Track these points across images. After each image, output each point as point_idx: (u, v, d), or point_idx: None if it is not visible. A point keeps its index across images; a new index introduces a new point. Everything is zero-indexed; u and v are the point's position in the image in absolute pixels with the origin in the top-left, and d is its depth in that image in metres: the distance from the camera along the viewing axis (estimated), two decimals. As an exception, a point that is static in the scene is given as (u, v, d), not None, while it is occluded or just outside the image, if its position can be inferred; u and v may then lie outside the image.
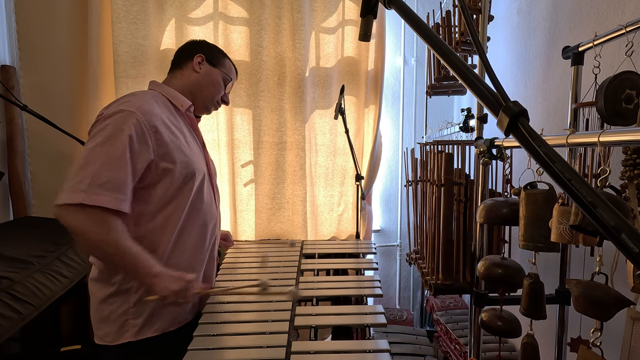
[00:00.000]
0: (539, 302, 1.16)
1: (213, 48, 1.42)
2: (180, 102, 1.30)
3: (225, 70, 1.41)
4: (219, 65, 1.39)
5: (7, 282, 1.48)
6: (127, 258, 1.07)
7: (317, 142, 2.57)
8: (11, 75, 2.17)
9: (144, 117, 1.12)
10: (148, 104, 1.17)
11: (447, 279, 1.89)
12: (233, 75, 1.45)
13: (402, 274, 3.01)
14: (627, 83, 1.06)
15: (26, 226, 2.03)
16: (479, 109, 1.63)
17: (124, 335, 1.17)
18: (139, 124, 1.11)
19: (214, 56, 1.39)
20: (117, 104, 1.14)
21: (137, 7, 2.24)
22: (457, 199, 1.90)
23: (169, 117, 1.23)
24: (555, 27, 1.77)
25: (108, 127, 1.08)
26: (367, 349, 1.05)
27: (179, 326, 1.26)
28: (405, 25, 2.83)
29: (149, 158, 1.12)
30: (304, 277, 1.54)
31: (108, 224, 1.05)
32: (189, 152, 1.24)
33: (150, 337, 1.20)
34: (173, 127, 1.22)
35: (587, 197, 0.41)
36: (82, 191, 1.02)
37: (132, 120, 1.10)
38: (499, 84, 0.50)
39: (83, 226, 1.03)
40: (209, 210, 1.31)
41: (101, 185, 1.03)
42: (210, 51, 1.39)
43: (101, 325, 1.19)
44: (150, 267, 1.09)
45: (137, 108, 1.12)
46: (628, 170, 0.92)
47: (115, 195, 1.05)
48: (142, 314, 1.18)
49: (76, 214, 1.02)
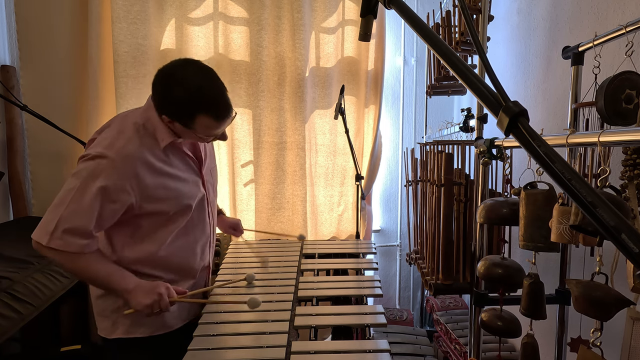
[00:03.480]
0: (539, 302, 1.16)
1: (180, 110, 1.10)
2: (162, 136, 1.16)
3: (200, 130, 1.13)
4: (190, 127, 1.12)
5: (7, 282, 1.48)
6: (100, 280, 1.16)
7: (317, 142, 2.57)
8: (11, 75, 2.17)
9: (122, 164, 1.10)
10: (130, 142, 1.12)
11: (447, 279, 1.89)
12: (211, 131, 1.15)
13: (402, 274, 3.01)
14: (627, 83, 1.06)
15: (26, 226, 2.03)
16: (479, 109, 1.62)
17: (116, 331, 1.24)
18: (116, 172, 1.09)
19: (181, 119, 1.12)
20: (102, 144, 1.11)
21: (137, 7, 2.24)
22: (457, 199, 1.90)
23: (155, 150, 1.16)
24: (555, 27, 1.77)
25: (85, 171, 1.09)
26: (367, 349, 1.05)
27: (170, 330, 1.28)
28: (405, 25, 2.82)
29: (129, 201, 1.13)
30: (304, 277, 1.54)
31: (72, 259, 1.12)
32: (179, 187, 1.21)
33: (139, 337, 1.24)
34: (158, 164, 1.16)
35: (587, 197, 0.41)
36: (48, 233, 1.08)
37: (108, 170, 1.08)
38: (499, 84, 0.50)
39: (55, 259, 1.13)
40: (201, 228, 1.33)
41: (65, 230, 1.08)
42: (176, 114, 1.11)
43: (99, 319, 1.27)
44: (124, 284, 1.15)
45: (116, 152, 1.09)
46: (628, 170, 0.92)
47: (78, 241, 1.10)
48: (131, 316, 1.20)
49: (46, 250, 1.10)
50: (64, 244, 1.09)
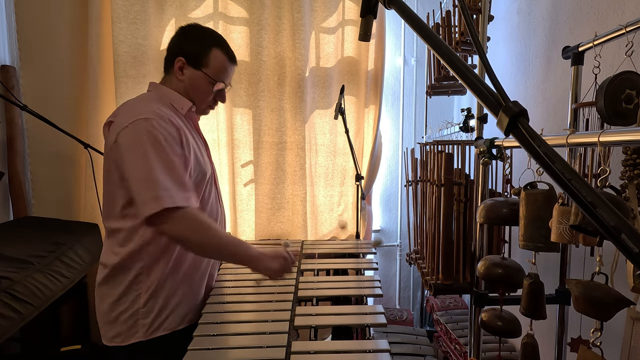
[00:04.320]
0: (539, 302, 1.16)
1: (197, 43, 1.27)
2: (180, 104, 1.27)
3: (211, 70, 1.26)
4: (202, 66, 1.26)
5: (7, 282, 1.48)
6: (228, 245, 1.17)
7: (317, 142, 2.57)
8: (11, 75, 2.17)
9: (162, 120, 1.14)
10: (161, 110, 1.18)
11: (447, 279, 1.89)
12: (223, 73, 1.29)
13: (402, 274, 3.01)
14: (627, 83, 1.06)
15: (26, 226, 2.03)
16: (479, 109, 1.62)
17: (134, 335, 1.18)
18: (160, 126, 1.13)
19: (196, 55, 1.25)
20: (133, 113, 1.14)
21: (137, 7, 2.24)
22: (457, 199, 1.90)
23: (176, 119, 1.23)
24: (555, 27, 1.77)
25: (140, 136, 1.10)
26: (367, 349, 1.05)
27: (189, 324, 1.26)
28: (405, 25, 2.82)
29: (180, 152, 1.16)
30: (304, 277, 1.54)
31: (201, 220, 1.11)
32: (199, 153, 1.26)
33: (160, 335, 1.20)
34: (184, 129, 1.23)
35: (587, 197, 0.41)
36: (167, 197, 1.05)
37: (156, 125, 1.12)
38: (499, 84, 0.50)
39: (179, 231, 1.09)
40: (214, 208, 1.34)
41: (174, 187, 1.07)
42: (192, 48, 1.26)
43: (111, 327, 1.19)
44: (251, 251, 1.18)
45: (153, 114, 1.14)
46: (628, 170, 0.92)
47: (191, 194, 1.12)
48: (152, 313, 1.19)
49: (175, 220, 1.07)
50: (185, 199, 1.07)
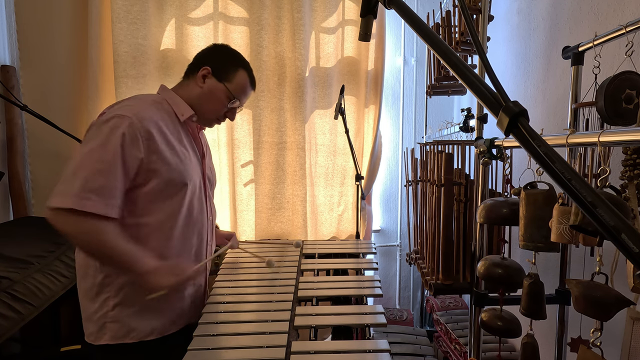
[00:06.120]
0: (539, 302, 1.16)
1: (227, 59, 1.31)
2: (181, 110, 1.27)
3: (232, 86, 1.29)
4: (225, 81, 1.29)
5: (7, 282, 1.48)
6: (117, 255, 1.10)
7: (317, 142, 2.57)
8: (11, 75, 2.17)
9: (139, 122, 1.13)
10: (146, 110, 1.18)
11: (447, 279, 1.89)
12: (242, 92, 1.33)
13: (402, 274, 3.01)
14: (627, 83, 1.06)
15: (26, 226, 2.03)
16: (479, 109, 1.62)
17: (102, 337, 1.18)
18: (132, 126, 1.12)
19: (223, 69, 1.29)
20: (117, 108, 1.16)
21: (137, 7, 2.24)
22: (457, 199, 1.90)
23: (168, 124, 1.22)
24: (555, 27, 1.77)
25: (103, 131, 1.10)
26: (367, 349, 1.05)
27: (160, 336, 1.23)
28: (405, 25, 2.82)
29: (140, 157, 1.13)
30: (304, 277, 1.54)
31: (97, 228, 1.07)
32: (182, 162, 1.23)
33: (128, 343, 1.18)
34: (170, 135, 1.21)
35: (587, 197, 0.41)
36: (74, 195, 1.04)
37: (125, 123, 1.11)
38: (499, 84, 0.50)
39: (74, 230, 1.07)
40: (197, 220, 1.30)
41: (92, 190, 1.05)
42: (221, 62, 1.30)
43: (86, 323, 1.21)
44: (135, 267, 1.11)
45: (133, 114, 1.14)
46: (628, 170, 0.92)
47: (106, 200, 1.07)
48: (120, 320, 1.17)
49: (67, 218, 1.04)
50: (93, 205, 1.04)
